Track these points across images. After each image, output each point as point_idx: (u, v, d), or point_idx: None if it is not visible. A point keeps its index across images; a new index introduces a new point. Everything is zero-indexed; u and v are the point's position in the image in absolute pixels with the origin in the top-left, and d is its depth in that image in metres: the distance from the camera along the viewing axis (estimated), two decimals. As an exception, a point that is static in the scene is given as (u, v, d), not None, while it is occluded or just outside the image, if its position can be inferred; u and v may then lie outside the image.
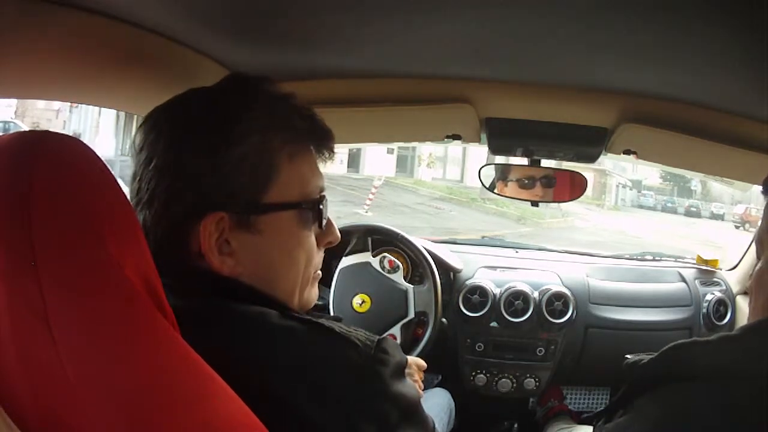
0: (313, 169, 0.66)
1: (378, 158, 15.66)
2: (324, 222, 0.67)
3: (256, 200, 0.61)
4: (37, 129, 0.48)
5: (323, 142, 0.68)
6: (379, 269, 1.48)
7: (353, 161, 15.82)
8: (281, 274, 0.64)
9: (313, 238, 0.66)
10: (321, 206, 0.66)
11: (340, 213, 7.78)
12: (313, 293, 0.70)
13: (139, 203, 0.60)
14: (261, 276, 0.62)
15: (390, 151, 15.69)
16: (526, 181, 1.37)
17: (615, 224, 12.41)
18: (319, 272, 0.71)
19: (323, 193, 0.67)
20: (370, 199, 9.76)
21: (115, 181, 0.46)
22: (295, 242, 0.64)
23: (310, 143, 0.66)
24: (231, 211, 0.59)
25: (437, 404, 1.44)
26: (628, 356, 0.72)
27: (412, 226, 7.90)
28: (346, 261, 1.49)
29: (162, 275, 0.49)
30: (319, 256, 0.69)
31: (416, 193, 10.77)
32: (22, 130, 0.49)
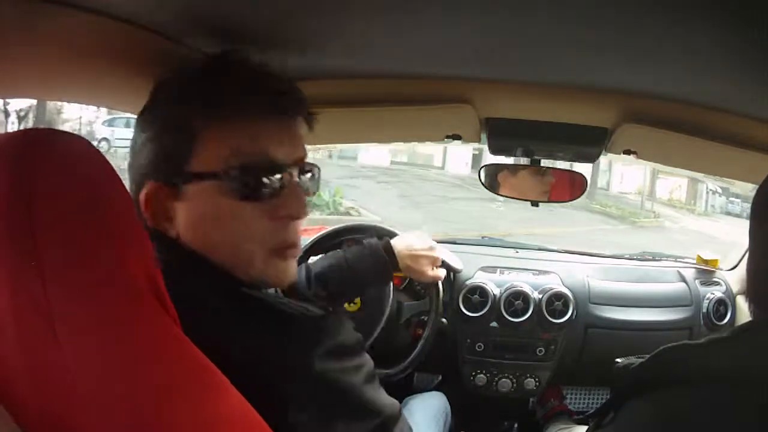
0: (247, 137, 0.64)
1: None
2: (258, 194, 0.64)
3: (180, 169, 0.64)
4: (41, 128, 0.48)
5: (274, 105, 0.65)
6: None
7: (476, 163, 17.30)
8: (220, 243, 0.65)
9: (252, 210, 0.64)
10: (246, 177, 0.63)
11: (483, 208, 8.70)
12: (274, 272, 0.67)
13: None
14: (201, 243, 0.65)
15: (507, 155, 16.74)
16: (526, 181, 1.37)
17: (700, 227, 13.59)
18: (293, 249, 0.69)
19: (263, 165, 0.64)
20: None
21: (119, 179, 0.46)
22: (223, 212, 0.64)
23: (251, 108, 0.64)
24: (162, 180, 0.64)
25: (432, 406, 1.43)
26: (618, 360, 0.71)
27: (532, 223, 9.16)
28: None
29: None
30: (270, 231, 0.66)
31: (533, 192, 12.20)
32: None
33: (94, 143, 0.67)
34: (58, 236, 0.42)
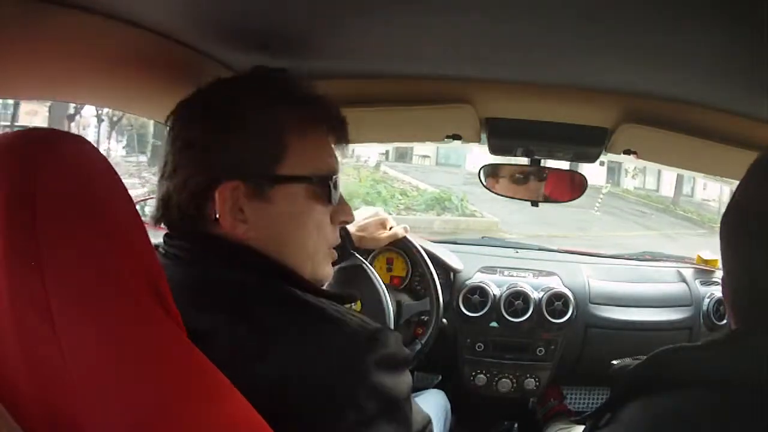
0: (325, 149, 0.73)
1: (592, 171, 16.83)
2: (334, 198, 0.72)
3: (270, 172, 0.67)
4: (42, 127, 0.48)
5: (336, 126, 0.74)
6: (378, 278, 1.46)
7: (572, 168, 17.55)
8: (291, 243, 0.69)
9: (324, 213, 0.72)
10: (330, 183, 0.71)
11: (578, 212, 9.16)
12: (326, 269, 0.75)
13: (164, 175, 0.69)
14: (271, 243, 0.68)
15: (601, 164, 16.89)
16: (527, 181, 1.37)
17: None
18: (334, 251, 0.76)
19: (336, 174, 0.72)
20: (599, 203, 11.61)
21: (120, 180, 0.46)
22: (304, 213, 0.69)
23: (324, 125, 0.73)
24: (246, 180, 0.66)
25: (433, 405, 1.43)
26: (614, 361, 0.71)
27: (624, 226, 10.12)
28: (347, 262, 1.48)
29: (177, 242, 0.59)
30: (332, 233, 0.74)
31: (624, 199, 13.45)
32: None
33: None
34: (58, 236, 0.42)
